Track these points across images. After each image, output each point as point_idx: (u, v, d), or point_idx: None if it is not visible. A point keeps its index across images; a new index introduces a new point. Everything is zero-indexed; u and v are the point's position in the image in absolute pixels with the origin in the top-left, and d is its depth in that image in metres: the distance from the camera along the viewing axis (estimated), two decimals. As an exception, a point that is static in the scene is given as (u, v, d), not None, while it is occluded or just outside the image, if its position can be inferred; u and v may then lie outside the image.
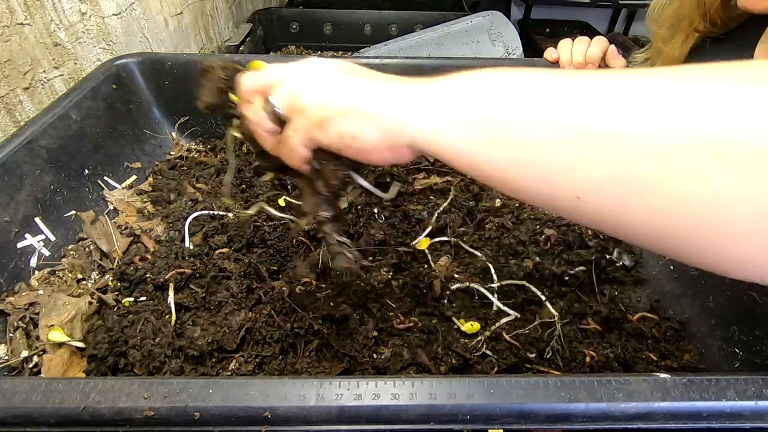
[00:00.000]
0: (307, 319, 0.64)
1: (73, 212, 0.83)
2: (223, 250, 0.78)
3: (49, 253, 0.78)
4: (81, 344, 0.65)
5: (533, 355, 0.65)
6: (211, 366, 0.62)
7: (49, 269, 0.76)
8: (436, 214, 0.86)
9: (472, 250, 0.81)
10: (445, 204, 0.87)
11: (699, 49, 1.04)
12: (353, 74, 0.52)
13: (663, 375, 0.43)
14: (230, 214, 0.85)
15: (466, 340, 0.66)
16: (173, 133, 1.12)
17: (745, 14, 0.96)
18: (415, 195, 0.93)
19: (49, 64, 0.95)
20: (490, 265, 0.77)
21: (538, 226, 0.87)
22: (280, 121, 0.52)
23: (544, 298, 0.73)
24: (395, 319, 0.68)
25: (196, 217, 0.84)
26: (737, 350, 0.64)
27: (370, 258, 0.81)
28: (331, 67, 0.52)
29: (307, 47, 1.94)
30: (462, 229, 0.87)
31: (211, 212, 0.86)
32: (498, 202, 0.91)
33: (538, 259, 0.81)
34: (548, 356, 0.65)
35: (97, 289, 0.73)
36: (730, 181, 0.32)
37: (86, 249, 0.80)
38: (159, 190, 0.94)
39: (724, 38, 1.00)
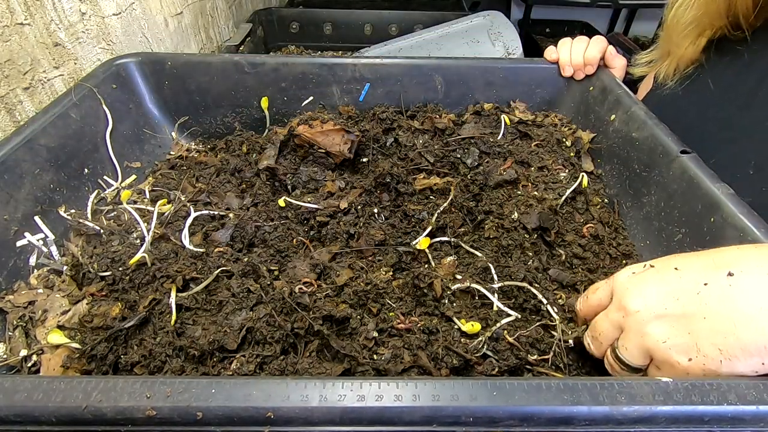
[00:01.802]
0: (307, 319, 0.64)
1: (73, 211, 0.83)
2: (224, 249, 0.78)
3: (48, 251, 0.77)
4: (79, 345, 0.65)
5: (534, 356, 0.65)
6: (212, 366, 0.62)
7: (48, 268, 0.76)
8: (436, 215, 0.86)
9: (472, 251, 0.81)
10: (445, 204, 0.87)
11: (716, 49, 1.01)
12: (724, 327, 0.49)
13: (665, 379, 0.43)
14: (231, 215, 0.85)
15: (467, 341, 0.66)
16: (173, 133, 1.12)
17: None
18: (415, 195, 0.93)
19: (49, 64, 0.95)
20: (491, 266, 0.77)
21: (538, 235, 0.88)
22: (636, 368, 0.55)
23: (545, 300, 0.73)
24: (395, 320, 0.68)
25: (196, 217, 0.84)
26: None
27: (370, 257, 0.81)
28: (679, 308, 0.51)
29: (307, 47, 1.94)
30: (462, 229, 0.87)
31: (211, 212, 0.86)
32: (497, 205, 0.92)
33: (538, 259, 0.81)
34: (549, 358, 0.65)
35: (97, 289, 0.73)
36: None
37: (85, 248, 0.79)
38: (159, 189, 0.94)
39: (742, 38, 0.97)
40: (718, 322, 0.48)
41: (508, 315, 0.69)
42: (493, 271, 0.76)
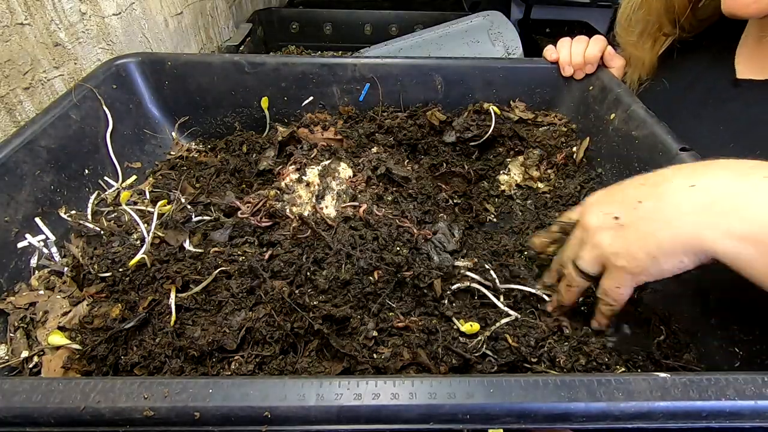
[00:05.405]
0: (307, 319, 0.64)
1: (73, 212, 0.83)
2: (222, 249, 0.77)
3: (49, 253, 0.78)
4: (79, 346, 0.65)
5: (534, 357, 0.65)
6: (212, 366, 0.62)
7: (49, 269, 0.76)
8: (432, 213, 0.86)
9: (471, 251, 0.81)
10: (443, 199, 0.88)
11: (669, 53, 1.04)
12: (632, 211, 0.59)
13: (662, 374, 0.43)
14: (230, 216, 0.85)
15: (466, 340, 0.66)
16: (173, 133, 1.12)
17: (714, 17, 0.96)
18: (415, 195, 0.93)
19: (49, 64, 0.95)
20: (491, 265, 0.77)
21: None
22: (590, 277, 0.65)
23: (547, 298, 0.72)
24: (395, 319, 0.68)
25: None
26: (737, 350, 0.64)
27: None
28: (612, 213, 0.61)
29: (307, 47, 1.94)
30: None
31: (211, 213, 0.86)
32: (494, 208, 0.92)
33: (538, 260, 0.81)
34: (549, 356, 0.65)
35: (97, 290, 0.73)
36: None
37: (86, 249, 0.79)
38: (159, 190, 0.94)
39: (693, 41, 1.01)
40: (644, 230, 0.57)
41: (508, 315, 0.69)
42: (492, 273, 0.76)
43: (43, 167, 0.82)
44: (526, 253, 0.83)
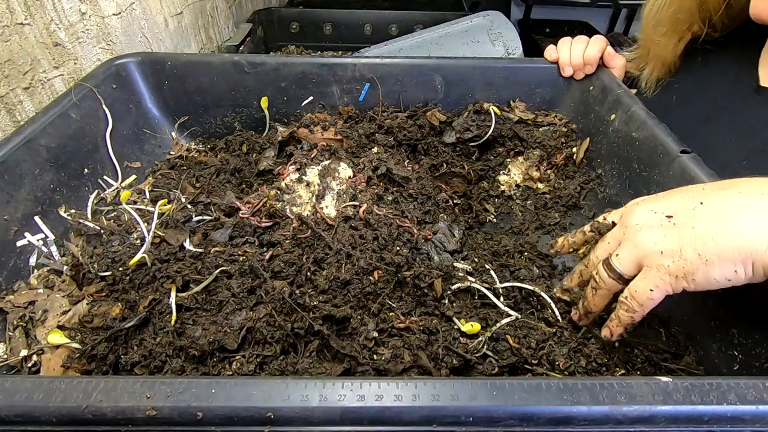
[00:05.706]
0: (307, 319, 0.64)
1: (73, 211, 0.83)
2: (222, 249, 0.77)
3: (48, 251, 0.77)
4: (79, 345, 0.65)
5: (534, 359, 0.65)
6: (213, 366, 0.62)
7: (48, 268, 0.76)
8: (432, 213, 0.86)
9: (471, 251, 0.81)
10: (443, 198, 0.88)
11: (691, 52, 1.03)
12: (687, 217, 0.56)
13: (665, 378, 0.43)
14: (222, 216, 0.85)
15: (467, 341, 0.66)
16: (173, 133, 1.12)
17: (743, 17, 0.95)
18: (416, 196, 0.93)
19: (49, 64, 0.95)
20: (491, 265, 0.77)
21: (539, 236, 0.88)
22: (622, 279, 0.60)
23: (549, 299, 0.73)
24: (396, 320, 0.68)
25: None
26: (736, 353, 0.64)
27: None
28: (661, 216, 0.58)
29: (307, 47, 1.94)
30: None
31: (211, 213, 0.86)
32: (494, 209, 0.92)
33: (539, 260, 0.81)
34: (549, 358, 0.65)
35: (97, 289, 0.73)
36: None
37: (86, 248, 0.79)
38: (159, 189, 0.94)
39: (717, 41, 0.99)
40: (702, 231, 0.53)
41: (509, 315, 0.69)
42: (492, 273, 0.76)
43: (42, 166, 0.81)
44: (526, 254, 0.83)
